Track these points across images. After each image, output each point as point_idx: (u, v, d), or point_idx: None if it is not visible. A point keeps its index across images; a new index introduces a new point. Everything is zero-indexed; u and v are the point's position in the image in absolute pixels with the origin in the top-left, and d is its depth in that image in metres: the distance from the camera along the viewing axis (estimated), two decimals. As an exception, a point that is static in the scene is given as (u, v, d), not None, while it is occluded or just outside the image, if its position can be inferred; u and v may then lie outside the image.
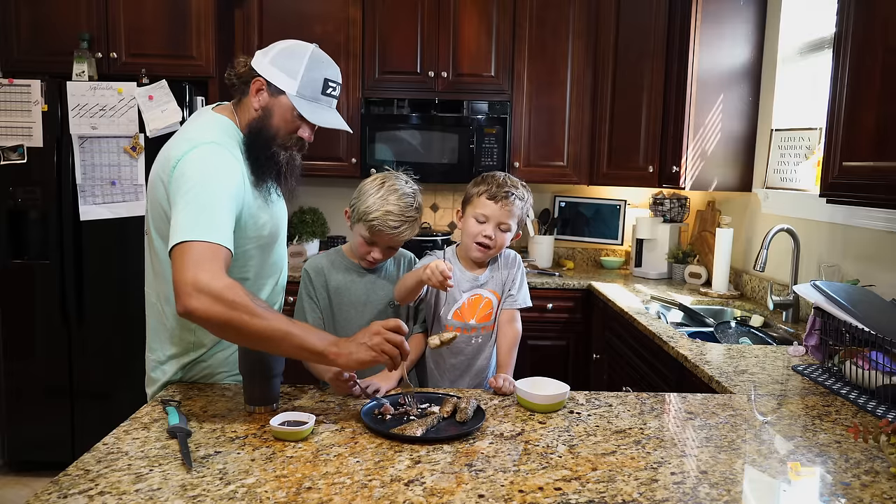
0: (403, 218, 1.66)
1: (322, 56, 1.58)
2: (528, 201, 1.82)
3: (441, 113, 3.52)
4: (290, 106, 1.53)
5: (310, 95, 1.55)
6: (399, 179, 1.70)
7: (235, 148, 1.54)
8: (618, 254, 3.90)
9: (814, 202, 2.54)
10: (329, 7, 3.46)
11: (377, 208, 1.64)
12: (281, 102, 1.54)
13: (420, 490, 1.10)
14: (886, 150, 1.66)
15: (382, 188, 1.67)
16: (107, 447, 1.24)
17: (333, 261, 1.78)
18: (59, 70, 3.07)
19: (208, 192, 1.39)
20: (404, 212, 1.66)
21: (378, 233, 1.66)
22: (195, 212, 1.36)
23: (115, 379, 3.10)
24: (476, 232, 1.75)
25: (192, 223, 1.34)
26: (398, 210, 1.65)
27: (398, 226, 1.66)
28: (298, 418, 1.33)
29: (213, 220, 1.36)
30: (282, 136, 1.56)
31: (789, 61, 2.92)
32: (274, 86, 1.54)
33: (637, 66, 3.41)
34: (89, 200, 3.05)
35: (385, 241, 1.69)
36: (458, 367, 1.82)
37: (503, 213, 1.74)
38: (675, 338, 2.23)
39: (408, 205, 1.67)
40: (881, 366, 1.61)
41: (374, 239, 1.68)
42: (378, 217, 1.64)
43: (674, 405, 1.57)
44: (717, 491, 1.13)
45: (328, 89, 1.57)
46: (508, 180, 1.78)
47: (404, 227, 1.67)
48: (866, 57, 1.74)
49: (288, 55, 1.55)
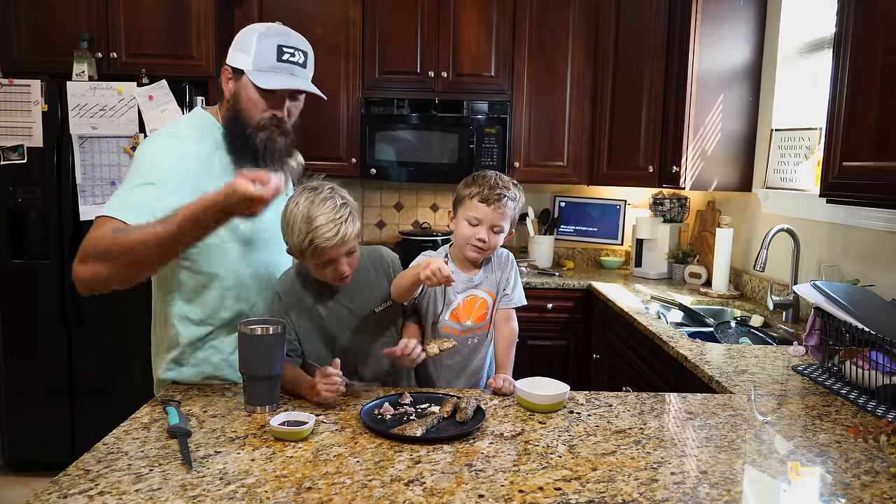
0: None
1: (276, 27, 1.56)
2: (521, 201, 1.78)
3: (441, 113, 3.52)
4: (252, 84, 1.52)
5: (265, 66, 1.51)
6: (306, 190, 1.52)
7: (204, 139, 1.55)
8: (618, 254, 3.90)
9: (814, 202, 2.54)
10: (329, 7, 3.46)
11: (305, 233, 1.47)
12: (244, 83, 1.53)
13: (420, 490, 1.10)
14: (886, 150, 1.66)
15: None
16: (107, 447, 1.24)
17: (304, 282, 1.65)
18: (59, 70, 3.07)
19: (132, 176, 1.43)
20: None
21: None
22: (120, 192, 1.41)
23: (114, 378, 3.10)
24: (469, 235, 1.72)
25: (112, 202, 1.39)
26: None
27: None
28: (298, 418, 1.33)
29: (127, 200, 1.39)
30: (255, 119, 1.53)
31: (789, 61, 2.92)
32: (235, 68, 1.54)
33: (637, 66, 3.41)
34: (89, 200, 3.05)
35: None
36: (455, 368, 1.82)
37: (496, 215, 1.70)
38: (675, 338, 2.23)
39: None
40: (881, 366, 1.61)
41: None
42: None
43: (674, 405, 1.57)
44: (717, 491, 1.13)
45: (284, 55, 1.52)
46: (500, 181, 1.72)
47: (343, 229, 1.49)
48: (866, 57, 1.74)
49: (242, 35, 1.56)
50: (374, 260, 1.73)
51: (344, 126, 3.57)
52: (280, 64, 1.52)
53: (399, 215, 4.02)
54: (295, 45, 1.55)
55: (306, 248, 1.48)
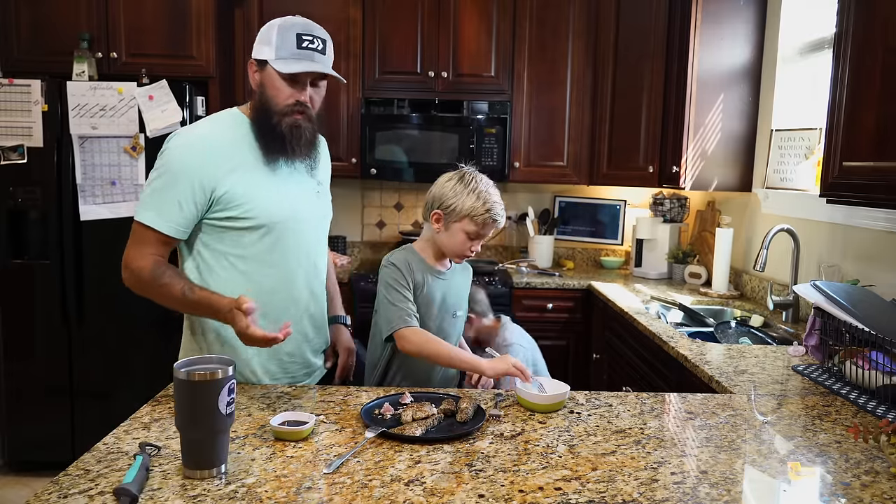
0: (502, 208, 1.77)
1: (295, 19, 1.64)
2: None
3: (441, 113, 3.52)
4: (275, 72, 1.59)
5: (287, 54, 1.59)
6: (476, 174, 1.78)
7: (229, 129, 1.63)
8: (618, 254, 3.90)
9: (814, 202, 2.54)
10: (329, 7, 3.46)
11: (485, 203, 1.71)
12: (268, 73, 1.61)
13: (420, 490, 1.10)
14: (886, 150, 1.66)
15: (476, 187, 1.74)
16: (107, 447, 1.24)
17: (411, 259, 1.79)
18: (59, 70, 3.07)
19: (163, 179, 1.54)
20: (500, 202, 1.77)
21: (486, 225, 1.74)
22: (148, 194, 1.56)
23: (115, 379, 3.10)
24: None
25: (142, 205, 1.55)
26: (499, 200, 1.77)
27: (502, 215, 1.77)
28: (298, 418, 1.33)
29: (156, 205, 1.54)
30: (279, 106, 1.61)
31: (789, 61, 2.92)
32: (260, 60, 1.61)
33: (637, 67, 3.41)
34: (89, 200, 3.05)
35: (490, 231, 1.77)
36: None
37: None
38: (675, 338, 2.23)
39: (499, 195, 1.78)
40: (881, 366, 1.61)
41: (482, 232, 1.75)
42: (490, 209, 1.72)
43: (674, 405, 1.57)
44: (717, 491, 1.13)
45: (303, 43, 1.60)
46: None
47: (504, 216, 1.78)
48: (866, 57, 1.74)
49: (264, 30, 1.64)
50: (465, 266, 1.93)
51: (344, 126, 3.57)
52: (300, 51, 1.60)
53: (399, 215, 4.02)
54: (313, 32, 1.63)
55: (479, 213, 1.70)
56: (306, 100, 1.62)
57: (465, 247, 1.75)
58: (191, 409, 1.12)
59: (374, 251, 3.98)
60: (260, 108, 1.62)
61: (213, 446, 1.13)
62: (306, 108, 1.63)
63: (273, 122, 1.60)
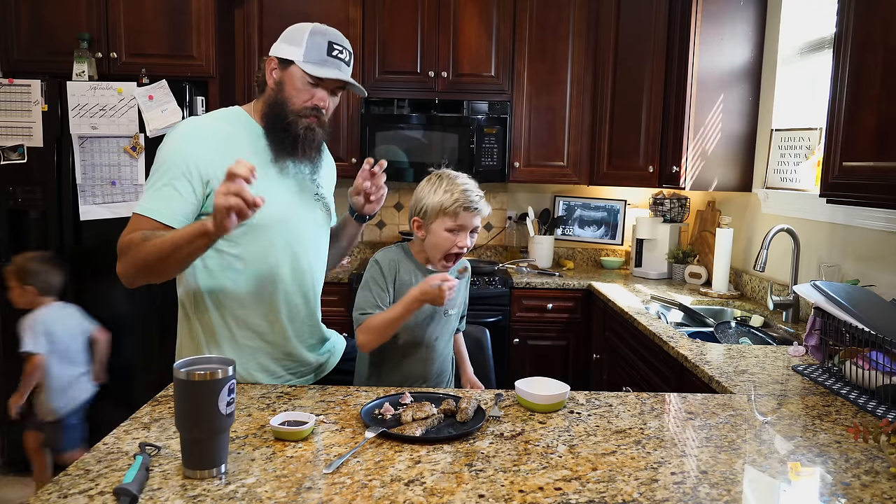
0: (477, 193, 1.71)
1: (325, 27, 1.67)
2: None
3: (441, 113, 3.52)
4: (300, 73, 1.61)
5: (316, 59, 1.62)
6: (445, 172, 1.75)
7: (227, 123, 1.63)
8: (618, 254, 3.90)
9: (814, 202, 2.54)
10: (329, 7, 3.46)
11: (452, 192, 1.68)
12: (291, 72, 1.62)
13: (420, 490, 1.10)
14: (886, 150, 1.66)
15: (443, 182, 1.72)
16: (107, 447, 1.23)
17: (400, 258, 1.79)
18: (59, 70, 3.07)
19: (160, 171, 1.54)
20: (475, 189, 1.72)
21: (461, 214, 1.68)
22: (145, 189, 1.55)
23: (114, 379, 3.10)
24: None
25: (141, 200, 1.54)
26: (471, 187, 1.72)
27: (477, 199, 1.71)
28: (298, 418, 1.33)
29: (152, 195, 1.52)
30: (297, 106, 1.62)
31: (789, 61, 2.92)
32: (283, 59, 1.63)
33: (637, 67, 3.42)
34: (89, 200, 3.05)
35: (469, 220, 1.70)
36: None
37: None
38: (675, 338, 2.23)
39: (474, 184, 1.74)
40: (881, 366, 1.61)
41: (461, 223, 1.69)
42: (458, 197, 1.68)
43: (674, 405, 1.57)
44: (717, 491, 1.13)
45: (333, 51, 1.64)
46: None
47: (481, 201, 1.71)
48: (866, 57, 1.74)
49: (293, 31, 1.66)
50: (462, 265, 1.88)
51: (344, 126, 3.57)
52: (329, 58, 1.63)
53: (399, 215, 4.02)
54: (343, 43, 1.67)
55: (450, 205, 1.66)
56: (325, 105, 1.65)
57: (451, 243, 1.70)
58: (191, 409, 1.11)
59: (374, 251, 3.96)
60: (274, 105, 1.63)
61: (212, 446, 1.13)
62: (321, 114, 1.66)
63: (287, 120, 1.62)
